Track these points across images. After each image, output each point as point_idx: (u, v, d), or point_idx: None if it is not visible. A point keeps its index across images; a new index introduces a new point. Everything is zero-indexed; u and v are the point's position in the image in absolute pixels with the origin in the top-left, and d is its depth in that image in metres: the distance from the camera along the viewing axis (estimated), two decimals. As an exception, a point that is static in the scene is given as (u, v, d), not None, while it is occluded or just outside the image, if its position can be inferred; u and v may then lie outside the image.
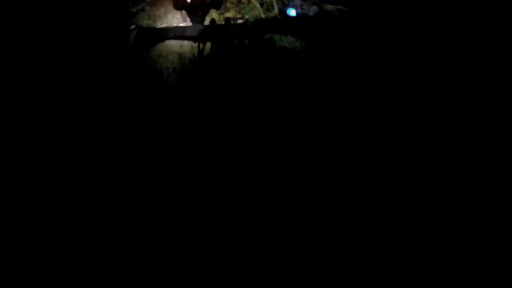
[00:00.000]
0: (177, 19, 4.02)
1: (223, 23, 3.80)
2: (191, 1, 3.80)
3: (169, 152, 2.72)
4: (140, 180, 2.48)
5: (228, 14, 4.01)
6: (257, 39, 3.67)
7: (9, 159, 2.50)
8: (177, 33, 3.75)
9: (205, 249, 2.03)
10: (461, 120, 2.91)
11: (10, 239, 1.96)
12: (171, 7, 3.99)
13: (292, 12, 3.58)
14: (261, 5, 4.16)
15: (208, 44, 3.70)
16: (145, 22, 4.00)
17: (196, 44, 3.68)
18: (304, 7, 3.84)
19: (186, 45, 3.74)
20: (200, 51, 3.64)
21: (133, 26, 3.89)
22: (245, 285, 1.92)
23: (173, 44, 3.76)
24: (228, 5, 4.07)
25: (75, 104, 3.07)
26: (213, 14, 3.97)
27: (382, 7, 3.70)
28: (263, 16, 3.98)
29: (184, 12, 3.93)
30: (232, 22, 3.85)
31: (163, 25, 3.92)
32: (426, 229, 2.23)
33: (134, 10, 4.04)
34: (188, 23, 3.90)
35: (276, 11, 3.98)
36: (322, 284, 1.97)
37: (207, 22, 3.86)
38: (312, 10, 3.75)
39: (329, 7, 3.84)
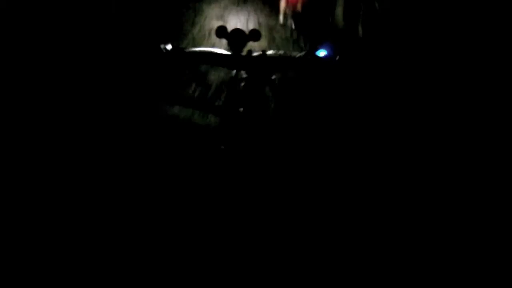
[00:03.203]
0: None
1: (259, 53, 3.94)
2: (231, 31, 3.85)
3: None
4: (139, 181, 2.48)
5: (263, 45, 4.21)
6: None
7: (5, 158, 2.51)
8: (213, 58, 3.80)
9: (206, 249, 2.03)
10: (462, 121, 2.91)
11: (10, 239, 1.98)
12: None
13: (321, 53, 3.43)
14: (294, 41, 4.34)
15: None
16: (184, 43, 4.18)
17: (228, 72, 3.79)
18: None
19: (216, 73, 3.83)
20: (234, 78, 3.63)
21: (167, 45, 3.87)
22: (245, 285, 1.94)
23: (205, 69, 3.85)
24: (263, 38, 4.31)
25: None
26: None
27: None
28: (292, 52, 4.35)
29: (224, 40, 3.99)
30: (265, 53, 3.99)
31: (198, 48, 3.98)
32: (426, 229, 2.22)
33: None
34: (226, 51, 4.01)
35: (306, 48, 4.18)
36: (322, 284, 1.97)
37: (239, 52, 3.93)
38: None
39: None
